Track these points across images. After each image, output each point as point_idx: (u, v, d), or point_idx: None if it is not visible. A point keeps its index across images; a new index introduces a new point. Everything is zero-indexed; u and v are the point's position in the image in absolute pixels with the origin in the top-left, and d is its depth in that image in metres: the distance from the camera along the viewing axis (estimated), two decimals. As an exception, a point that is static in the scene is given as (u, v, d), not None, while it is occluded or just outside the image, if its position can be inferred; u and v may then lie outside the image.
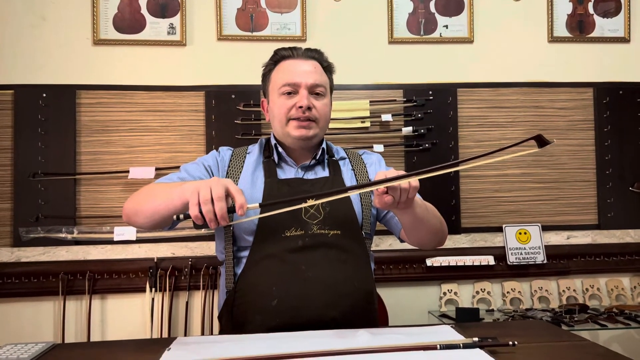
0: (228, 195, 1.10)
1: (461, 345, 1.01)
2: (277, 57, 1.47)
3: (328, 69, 1.50)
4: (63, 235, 2.19)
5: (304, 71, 1.42)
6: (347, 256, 1.35)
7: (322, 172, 1.47)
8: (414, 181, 1.16)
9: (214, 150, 1.53)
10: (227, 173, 1.45)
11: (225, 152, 1.52)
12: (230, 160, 1.48)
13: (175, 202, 1.20)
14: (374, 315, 1.40)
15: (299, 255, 1.31)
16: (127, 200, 1.34)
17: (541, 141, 1.07)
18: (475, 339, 1.03)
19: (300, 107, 1.38)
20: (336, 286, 1.30)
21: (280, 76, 1.43)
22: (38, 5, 2.25)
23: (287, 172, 1.46)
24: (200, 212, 1.08)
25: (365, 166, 1.53)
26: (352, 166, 1.52)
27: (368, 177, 1.50)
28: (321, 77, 1.44)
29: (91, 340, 2.16)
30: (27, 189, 2.19)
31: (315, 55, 1.47)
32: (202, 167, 1.46)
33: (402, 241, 1.50)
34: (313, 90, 1.42)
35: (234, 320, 1.36)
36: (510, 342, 1.01)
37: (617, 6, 2.50)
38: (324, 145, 1.50)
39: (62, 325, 2.15)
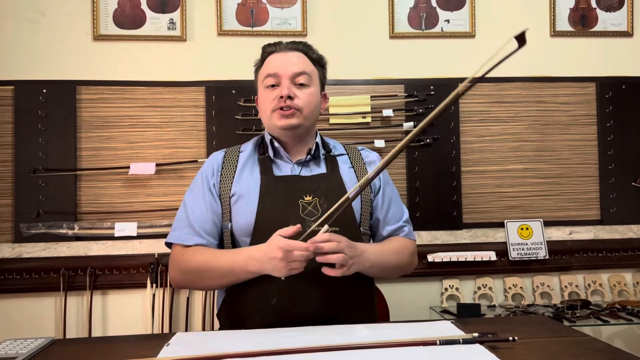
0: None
1: (461, 340, 1.01)
2: (264, 55, 1.47)
3: (318, 61, 1.48)
4: (64, 231, 2.19)
5: (287, 61, 1.41)
6: None
7: (318, 169, 1.45)
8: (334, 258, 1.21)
9: (207, 159, 1.51)
10: (221, 174, 1.44)
11: (217, 155, 1.50)
12: (223, 162, 1.46)
13: (242, 277, 1.31)
14: (372, 313, 1.40)
15: None
16: (175, 272, 1.38)
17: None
18: (475, 334, 1.03)
19: (282, 96, 1.38)
20: (335, 284, 1.29)
21: (264, 70, 1.43)
22: (38, 1, 2.25)
23: (283, 168, 1.44)
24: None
25: (364, 164, 1.51)
26: (351, 163, 1.50)
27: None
28: (304, 66, 1.42)
29: (92, 336, 2.17)
30: (27, 185, 2.19)
31: (300, 46, 1.45)
32: (204, 193, 1.43)
33: None
34: (296, 81, 1.40)
35: (233, 318, 1.36)
36: (510, 338, 1.01)
37: (620, 0, 2.48)
38: (317, 140, 1.48)
39: (64, 321, 2.16)
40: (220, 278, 1.33)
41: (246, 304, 1.32)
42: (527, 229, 2.37)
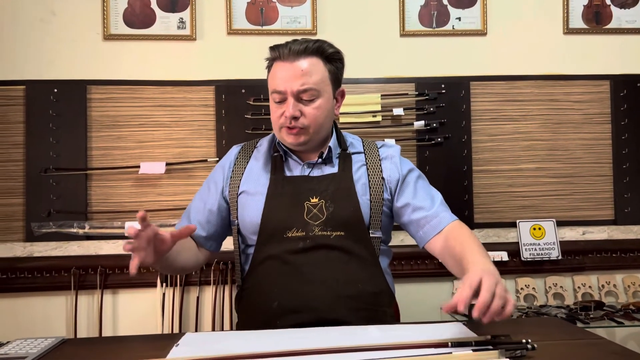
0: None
1: (473, 342, 0.99)
2: (271, 58, 1.38)
3: (331, 57, 1.38)
4: (75, 230, 2.19)
5: (290, 76, 1.31)
6: (350, 257, 1.31)
7: (329, 169, 1.40)
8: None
9: (225, 156, 1.51)
10: (233, 170, 1.44)
11: (234, 150, 1.51)
12: (236, 158, 1.47)
13: None
14: (384, 318, 1.34)
15: (300, 256, 1.28)
16: None
17: None
18: (488, 336, 1.01)
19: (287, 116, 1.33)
20: (337, 288, 1.27)
21: (270, 82, 1.36)
22: (48, 1, 2.25)
23: (294, 169, 1.41)
24: None
25: (380, 160, 1.43)
26: (366, 161, 1.43)
27: (381, 174, 1.41)
28: (311, 78, 1.32)
29: (103, 335, 2.17)
30: (39, 184, 2.20)
31: (310, 45, 1.33)
32: (209, 188, 1.47)
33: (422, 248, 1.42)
34: (301, 97, 1.33)
35: (242, 317, 1.36)
36: (524, 340, 0.99)
37: (635, -4, 2.45)
38: (330, 144, 1.41)
39: (74, 320, 2.17)
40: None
41: (251, 305, 1.32)
42: (539, 229, 2.34)
